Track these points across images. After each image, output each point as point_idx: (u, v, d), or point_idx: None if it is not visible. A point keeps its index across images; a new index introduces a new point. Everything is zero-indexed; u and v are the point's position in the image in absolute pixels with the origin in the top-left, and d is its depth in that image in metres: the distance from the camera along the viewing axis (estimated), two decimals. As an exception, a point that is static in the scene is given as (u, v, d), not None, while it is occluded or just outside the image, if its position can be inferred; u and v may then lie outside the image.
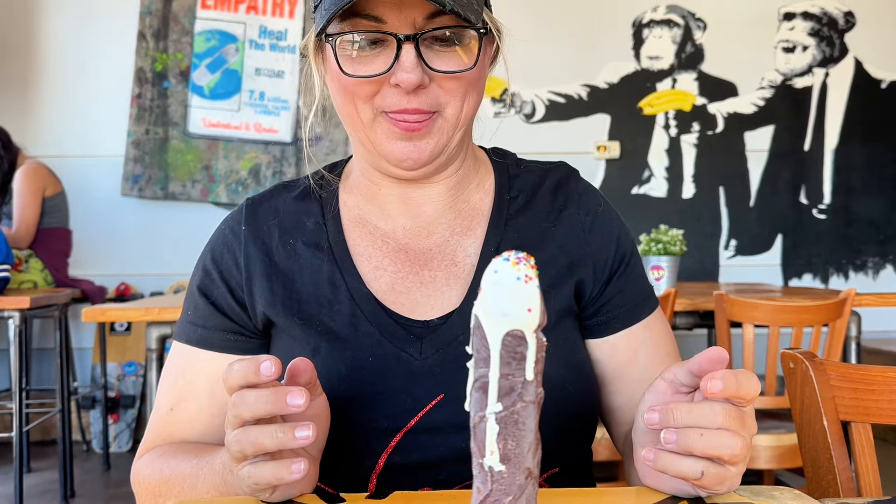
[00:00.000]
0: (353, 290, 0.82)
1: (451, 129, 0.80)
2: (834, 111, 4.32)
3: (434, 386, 0.77)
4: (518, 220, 0.87)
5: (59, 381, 3.04)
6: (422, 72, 0.74)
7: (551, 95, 4.26)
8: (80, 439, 3.84)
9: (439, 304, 0.82)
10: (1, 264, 2.87)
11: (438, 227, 0.87)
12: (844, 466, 0.92)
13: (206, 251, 0.89)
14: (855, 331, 2.50)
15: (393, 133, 0.78)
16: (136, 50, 4.12)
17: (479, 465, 0.43)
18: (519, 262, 0.43)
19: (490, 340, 0.42)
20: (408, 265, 0.85)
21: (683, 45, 4.30)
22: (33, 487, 3.15)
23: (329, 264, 0.84)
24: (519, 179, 0.91)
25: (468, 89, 0.79)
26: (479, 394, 0.43)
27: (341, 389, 0.77)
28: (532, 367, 0.43)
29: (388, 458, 0.76)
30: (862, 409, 0.96)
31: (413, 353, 0.79)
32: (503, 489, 0.42)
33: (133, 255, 4.10)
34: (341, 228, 0.87)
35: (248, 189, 4.14)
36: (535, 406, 0.43)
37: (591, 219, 0.88)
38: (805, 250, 4.30)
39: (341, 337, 0.80)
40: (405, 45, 0.74)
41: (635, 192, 4.27)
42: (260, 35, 4.20)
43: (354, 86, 0.77)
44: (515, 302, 0.42)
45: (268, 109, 4.17)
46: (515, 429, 0.42)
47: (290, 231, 0.86)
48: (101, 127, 4.11)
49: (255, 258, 0.85)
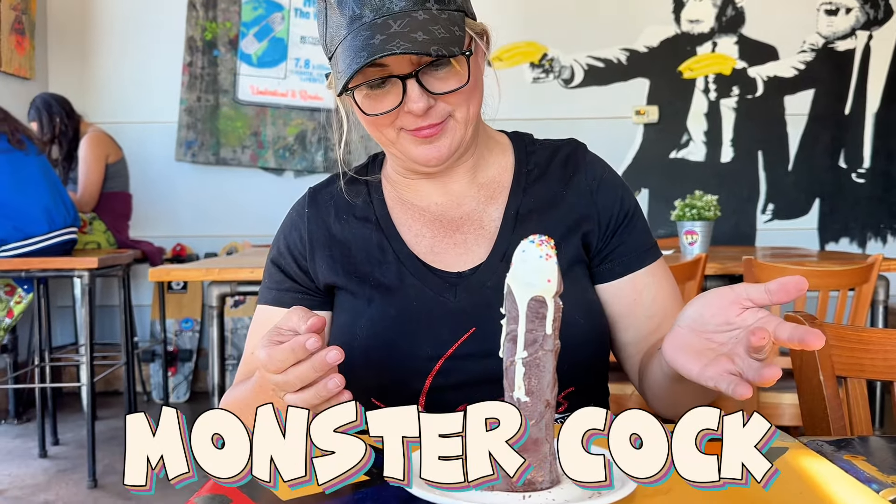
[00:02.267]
0: (398, 251, 1.01)
1: (462, 127, 0.96)
2: (876, 74, 4.29)
3: (467, 321, 0.94)
4: (534, 188, 1.04)
5: (124, 336, 3.25)
6: (427, 98, 0.91)
7: (590, 60, 4.31)
8: (142, 391, 4.09)
9: (470, 259, 1.00)
10: (69, 227, 3.07)
11: (466, 200, 1.04)
12: (838, 416, 1.04)
13: (279, 232, 1.09)
14: (882, 295, 2.57)
15: (415, 142, 0.96)
16: (187, 19, 4.26)
17: (510, 396, 0.57)
18: (542, 243, 0.56)
19: (519, 303, 0.56)
20: (443, 231, 1.03)
21: (724, 8, 4.30)
22: (101, 434, 3.40)
23: (377, 233, 1.03)
24: (535, 155, 1.08)
25: (470, 95, 0.94)
26: (510, 344, 0.57)
27: (393, 329, 0.96)
28: (551, 324, 0.56)
29: (433, 380, 0.94)
30: (857, 366, 1.08)
31: (449, 297, 0.97)
32: (528, 414, 0.56)
33: (187, 218, 4.30)
34: (385, 204, 1.06)
35: (294, 155, 4.29)
36: (552, 353, 0.56)
37: (597, 183, 1.04)
38: (843, 214, 4.32)
39: (391, 288, 0.98)
40: (408, 81, 0.90)
41: (673, 157, 4.33)
42: (305, 3, 4.31)
43: (375, 120, 0.94)
44: (538, 274, 0.55)
45: (312, 77, 4.30)
46: (538, 370, 0.56)
47: (343, 209, 1.06)
48: (154, 95, 4.28)
49: (316, 233, 1.05)
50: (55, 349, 3.83)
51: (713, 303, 0.73)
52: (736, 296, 0.72)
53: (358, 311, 0.99)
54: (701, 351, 0.73)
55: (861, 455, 0.67)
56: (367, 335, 0.97)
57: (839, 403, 1.04)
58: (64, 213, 3.04)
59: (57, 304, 4.10)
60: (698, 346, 0.73)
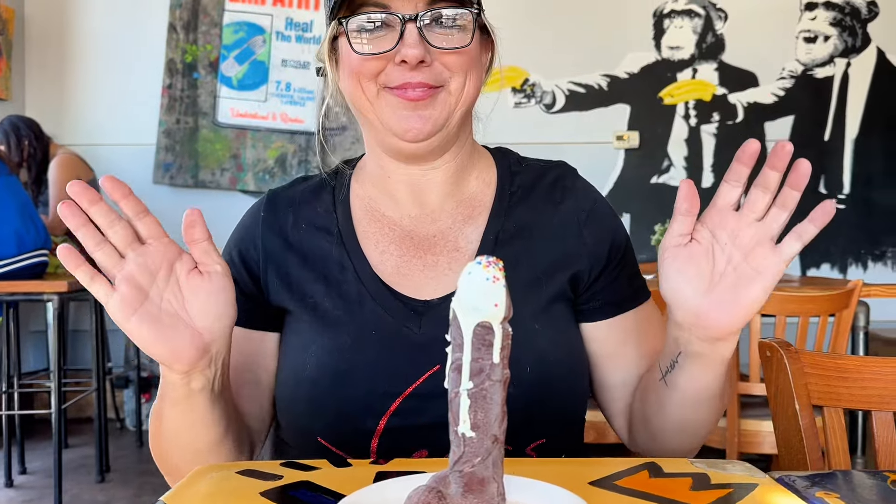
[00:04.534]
0: (359, 270, 0.91)
1: (454, 102, 0.87)
2: (855, 101, 4.32)
3: (431, 357, 0.83)
4: (517, 211, 0.95)
5: (95, 362, 3.18)
6: (424, 48, 0.83)
7: (572, 86, 4.31)
8: (115, 417, 4.00)
9: (441, 285, 0.90)
10: (39, 250, 3.01)
11: (442, 215, 0.94)
12: (814, 447, 1.00)
13: (231, 238, 0.98)
14: (863, 321, 2.55)
15: (398, 105, 0.86)
16: (167, 42, 4.24)
17: (454, 431, 0.53)
18: (490, 265, 0.52)
19: (464, 330, 0.52)
20: (413, 250, 0.93)
21: (704, 35, 4.33)
22: (71, 462, 3.31)
23: (338, 247, 0.93)
24: (520, 176, 0.98)
25: (469, 67, 0.87)
26: (455, 374, 0.53)
27: (347, 359, 0.86)
28: (498, 353, 0.52)
29: (388, 420, 0.84)
30: (834, 395, 1.04)
31: (413, 327, 0.87)
32: (473, 451, 0.52)
33: (164, 241, 4.24)
34: (350, 216, 0.95)
35: (275, 178, 4.25)
36: (501, 384, 0.52)
37: (585, 214, 0.95)
38: (823, 240, 4.33)
39: (347, 313, 0.88)
40: (408, 24, 0.82)
41: (654, 182, 4.32)
42: (286, 27, 4.30)
43: (362, 63, 0.85)
44: (485, 298, 0.51)
45: (294, 100, 4.28)
46: (484, 403, 0.52)
47: (303, 216, 0.95)
48: (133, 117, 4.24)
49: (271, 242, 0.94)
50: (26, 374, 3.74)
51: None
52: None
53: (309, 338, 0.89)
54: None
55: (834, 492, 0.63)
56: (317, 365, 0.86)
57: (815, 433, 1.00)
58: (35, 236, 2.98)
59: (30, 329, 4.02)
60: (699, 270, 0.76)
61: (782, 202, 0.74)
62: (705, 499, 0.61)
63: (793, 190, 0.74)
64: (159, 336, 0.73)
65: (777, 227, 0.74)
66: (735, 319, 0.75)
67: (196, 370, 0.76)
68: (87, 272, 0.72)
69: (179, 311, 0.75)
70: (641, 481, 0.65)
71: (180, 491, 0.64)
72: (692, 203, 0.75)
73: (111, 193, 0.75)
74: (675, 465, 0.70)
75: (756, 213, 0.75)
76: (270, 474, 0.68)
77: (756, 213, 0.75)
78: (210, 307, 0.75)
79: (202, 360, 0.76)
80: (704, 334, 0.77)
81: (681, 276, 0.76)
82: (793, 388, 1.02)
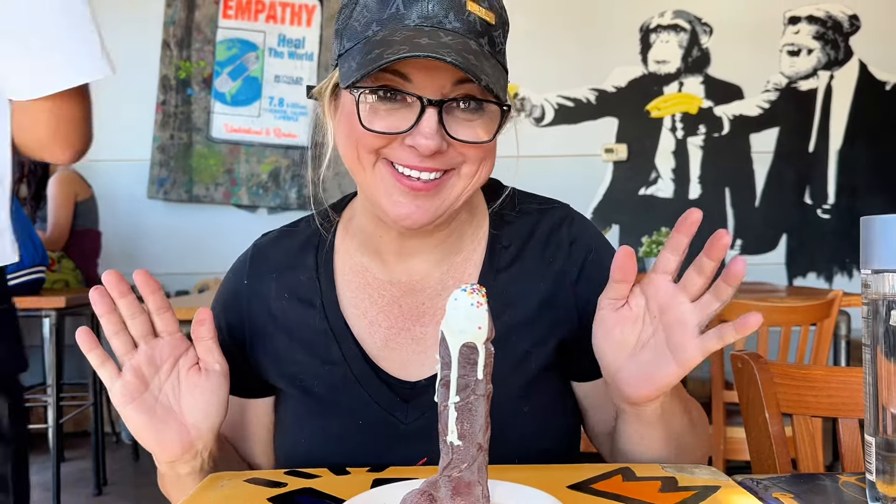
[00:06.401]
0: (345, 350, 0.87)
1: (462, 187, 0.80)
2: (838, 113, 4.41)
3: (418, 448, 0.82)
4: (508, 273, 0.90)
5: (92, 376, 3.22)
6: (440, 139, 0.75)
7: (560, 99, 4.39)
8: (111, 431, 4.03)
9: (428, 362, 0.87)
10: (37, 266, 3.05)
11: (431, 281, 0.90)
12: (783, 453, 1.07)
13: (217, 298, 0.95)
14: (844, 330, 2.62)
15: (394, 189, 0.78)
16: (161, 58, 4.30)
17: (443, 441, 0.59)
18: (473, 292, 0.58)
19: (451, 350, 0.58)
20: (401, 319, 0.89)
21: (690, 49, 4.42)
22: (68, 476, 3.34)
23: (322, 322, 0.89)
24: (513, 226, 0.92)
25: (486, 155, 0.80)
26: (443, 389, 0.59)
27: (335, 449, 0.86)
28: (482, 370, 0.58)
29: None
30: (802, 403, 1.10)
31: (400, 416, 0.85)
32: (460, 458, 0.58)
33: (159, 255, 4.28)
34: (334, 284, 0.90)
35: (268, 192, 4.31)
36: (484, 398, 0.59)
37: (577, 270, 0.90)
38: (809, 250, 4.41)
39: (334, 397, 0.87)
40: (429, 109, 0.74)
41: (642, 194, 4.40)
42: (279, 43, 4.37)
43: (365, 135, 0.77)
44: (470, 321, 0.58)
45: (287, 115, 4.34)
46: (470, 414, 0.58)
47: (285, 285, 0.91)
48: (128, 132, 4.29)
49: (257, 310, 0.91)
50: (23, 389, 3.76)
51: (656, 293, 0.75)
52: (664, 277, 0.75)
53: (300, 422, 0.89)
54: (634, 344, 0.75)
55: (789, 492, 0.69)
56: (308, 450, 0.87)
57: (784, 440, 1.07)
58: (32, 252, 3.02)
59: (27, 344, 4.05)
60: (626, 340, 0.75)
61: (716, 293, 0.72)
62: (672, 500, 0.67)
63: (727, 286, 0.71)
64: (150, 426, 0.78)
65: (706, 318, 0.72)
66: (646, 393, 0.75)
67: (181, 461, 0.80)
68: (100, 356, 0.77)
69: (174, 404, 0.79)
70: (615, 485, 0.71)
71: (194, 499, 0.70)
72: (626, 273, 0.74)
73: (141, 288, 0.80)
74: (646, 469, 0.76)
75: (690, 294, 0.73)
76: (276, 482, 0.74)
77: (690, 295, 0.73)
78: (202, 405, 0.79)
79: (187, 453, 0.80)
80: (620, 397, 0.79)
81: (605, 340, 0.77)
82: (763, 398, 1.08)
